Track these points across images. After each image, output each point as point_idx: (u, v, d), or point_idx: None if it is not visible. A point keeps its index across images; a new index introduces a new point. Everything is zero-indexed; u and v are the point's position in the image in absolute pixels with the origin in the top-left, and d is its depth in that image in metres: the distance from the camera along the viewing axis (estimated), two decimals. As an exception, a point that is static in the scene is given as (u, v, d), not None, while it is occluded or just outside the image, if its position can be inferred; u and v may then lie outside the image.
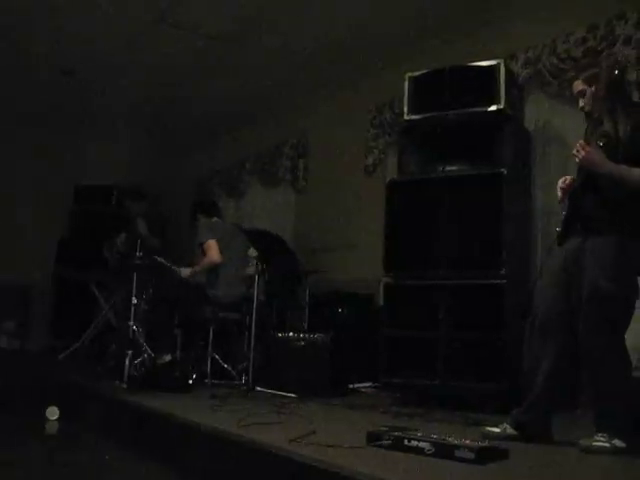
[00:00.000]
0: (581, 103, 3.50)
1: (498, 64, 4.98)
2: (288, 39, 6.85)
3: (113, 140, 10.15)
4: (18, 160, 9.52)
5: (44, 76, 8.07)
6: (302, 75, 7.70)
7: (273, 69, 7.62)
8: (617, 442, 3.04)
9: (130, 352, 5.51)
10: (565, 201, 3.47)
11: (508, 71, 5.10)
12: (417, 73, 5.31)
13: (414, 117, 5.27)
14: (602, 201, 3.30)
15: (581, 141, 3.32)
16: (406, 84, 5.32)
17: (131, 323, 5.79)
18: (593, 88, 3.40)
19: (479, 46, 5.88)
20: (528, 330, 3.52)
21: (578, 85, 3.51)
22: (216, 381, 5.69)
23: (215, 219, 6.37)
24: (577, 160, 3.31)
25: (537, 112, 5.60)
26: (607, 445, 3.04)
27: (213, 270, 6.05)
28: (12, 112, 9.29)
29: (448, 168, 5.13)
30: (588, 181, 3.34)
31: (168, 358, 5.61)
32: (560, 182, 3.51)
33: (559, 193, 3.52)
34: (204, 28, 6.69)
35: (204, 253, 6.08)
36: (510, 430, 3.35)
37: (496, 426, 3.41)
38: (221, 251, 6.02)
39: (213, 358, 5.81)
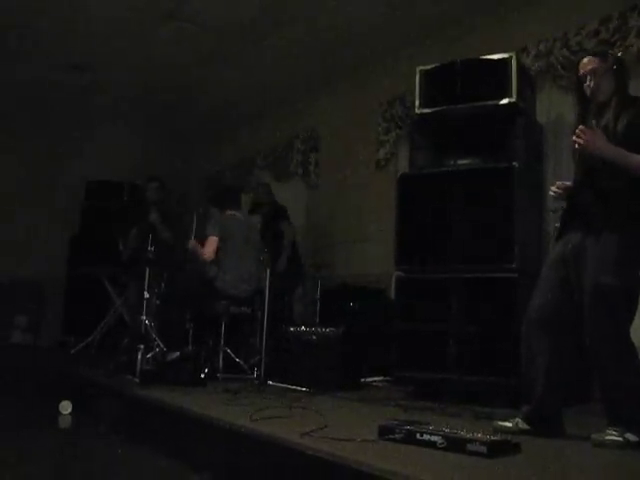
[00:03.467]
0: (588, 81, 3.38)
1: (510, 57, 4.95)
2: (299, 34, 6.84)
3: (123, 137, 10.18)
4: (29, 158, 9.58)
5: (53, 73, 8.10)
6: (313, 69, 7.71)
7: (284, 64, 7.62)
8: (630, 436, 3.03)
9: (142, 346, 5.53)
10: (562, 197, 3.47)
11: (520, 64, 5.08)
12: (428, 67, 5.29)
13: (425, 111, 5.25)
14: (600, 197, 3.28)
15: (581, 126, 3.26)
16: (417, 78, 5.30)
17: (143, 317, 5.81)
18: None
19: (491, 39, 5.87)
20: (524, 323, 3.51)
21: (591, 62, 3.39)
22: (228, 375, 5.70)
23: (229, 212, 6.32)
24: (577, 146, 3.26)
25: (549, 105, 5.58)
26: (620, 439, 3.03)
27: (226, 265, 6.07)
28: (21, 110, 9.34)
29: (460, 162, 5.12)
30: (586, 177, 3.33)
31: (175, 356, 5.61)
32: (553, 188, 3.51)
33: (552, 196, 3.54)
34: (214, 24, 6.69)
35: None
36: (522, 425, 3.35)
37: (508, 420, 3.40)
38: (228, 244, 6.06)
39: (225, 352, 5.83)
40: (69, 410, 4.97)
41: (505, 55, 4.97)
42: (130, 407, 4.70)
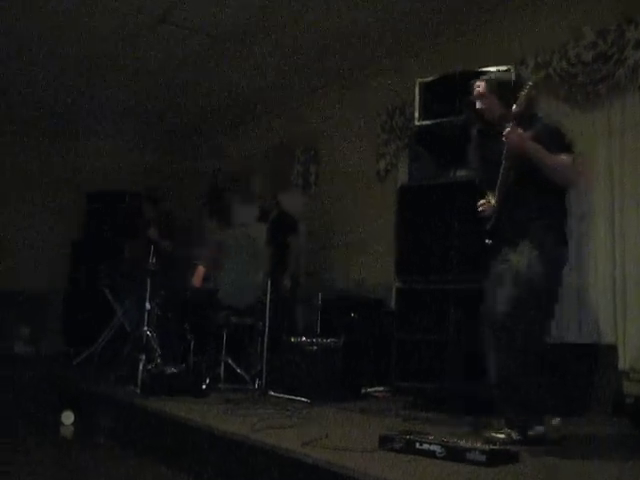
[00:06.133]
0: (480, 105, 3.65)
1: (508, 69, 4.98)
2: (297, 42, 6.86)
3: (120, 142, 10.21)
4: (29, 168, 9.60)
5: (50, 78, 8.09)
6: (313, 80, 7.73)
7: (283, 73, 7.64)
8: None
9: (143, 357, 5.54)
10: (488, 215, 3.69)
11: (518, 76, 5.11)
12: (428, 78, 5.32)
13: (425, 122, 5.27)
14: (517, 221, 3.56)
15: (508, 128, 3.39)
16: (417, 89, 5.32)
17: (145, 328, 5.83)
18: (514, 107, 3.43)
19: (489, 51, 5.90)
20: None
21: (478, 87, 3.67)
22: (229, 386, 5.72)
23: (228, 225, 6.39)
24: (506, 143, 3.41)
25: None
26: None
27: (227, 276, 6.12)
28: (19, 117, 9.37)
29: (459, 173, 5.14)
30: (505, 204, 3.55)
31: (173, 370, 5.60)
32: (479, 208, 3.75)
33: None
34: (209, 28, 6.68)
35: None
36: (515, 435, 3.35)
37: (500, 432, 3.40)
38: (229, 256, 6.12)
39: (226, 363, 5.84)
40: (71, 420, 4.99)
41: (504, 67, 5.01)
42: (132, 417, 4.72)
